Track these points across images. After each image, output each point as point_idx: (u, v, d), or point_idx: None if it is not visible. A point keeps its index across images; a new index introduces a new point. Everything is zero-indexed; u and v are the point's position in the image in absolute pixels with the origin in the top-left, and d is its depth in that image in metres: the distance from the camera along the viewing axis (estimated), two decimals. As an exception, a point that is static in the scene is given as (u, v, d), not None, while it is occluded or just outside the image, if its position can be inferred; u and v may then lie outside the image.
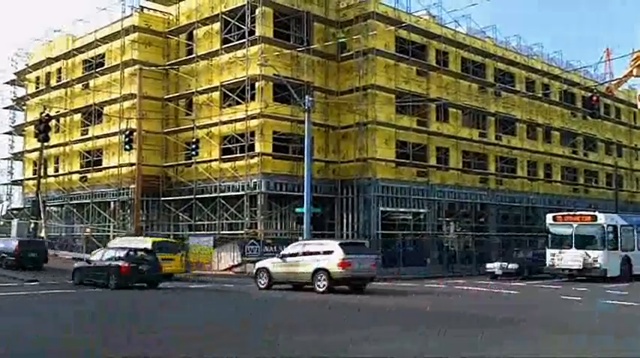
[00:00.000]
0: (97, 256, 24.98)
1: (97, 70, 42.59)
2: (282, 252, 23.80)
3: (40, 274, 28.19)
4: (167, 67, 39.79)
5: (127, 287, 22.26)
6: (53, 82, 47.29)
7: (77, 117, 45.04)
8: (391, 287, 25.28)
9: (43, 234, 40.17)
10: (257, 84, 34.45)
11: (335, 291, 21.44)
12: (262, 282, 23.04)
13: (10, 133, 54.45)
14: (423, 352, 11.18)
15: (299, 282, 22.58)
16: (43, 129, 34.93)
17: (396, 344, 11.80)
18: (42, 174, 42.21)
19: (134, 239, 30.91)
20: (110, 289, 22.35)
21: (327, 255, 21.61)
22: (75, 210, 44.65)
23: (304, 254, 22.43)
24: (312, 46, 35.85)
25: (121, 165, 39.68)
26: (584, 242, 29.30)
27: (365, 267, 22.13)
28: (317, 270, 21.47)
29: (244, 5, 34.87)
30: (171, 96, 39.73)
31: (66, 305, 18.42)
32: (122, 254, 23.62)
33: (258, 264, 24.18)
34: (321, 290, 21.20)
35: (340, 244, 22.41)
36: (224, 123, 35.97)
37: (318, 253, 22.02)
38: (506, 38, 46.74)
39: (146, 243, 28.07)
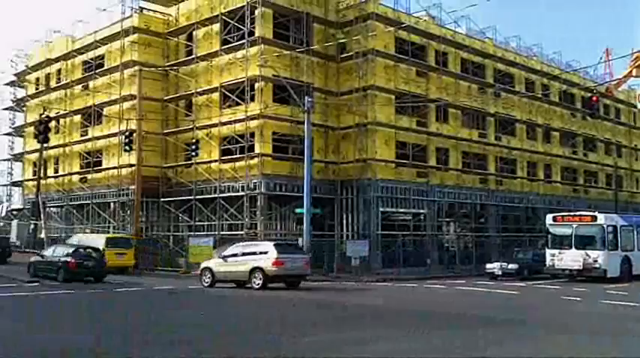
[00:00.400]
0: (49, 252, 27.49)
1: (96, 71, 42.59)
2: (224, 253, 25.41)
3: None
4: (167, 68, 39.79)
5: (74, 280, 24.41)
6: (53, 83, 47.29)
7: (77, 118, 45.04)
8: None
9: (43, 235, 40.23)
10: (256, 85, 34.46)
11: (269, 288, 23.16)
12: (206, 281, 24.74)
13: (9, 134, 54.50)
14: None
15: (238, 280, 24.17)
16: (42, 131, 35.04)
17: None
18: (42, 175, 42.31)
19: (92, 235, 35.57)
20: (58, 282, 24.54)
21: (263, 255, 23.46)
22: (75, 211, 44.64)
23: (243, 254, 24.26)
24: (311, 47, 35.86)
25: (120, 166, 39.68)
26: (584, 242, 29.27)
27: (297, 266, 24.01)
28: (253, 269, 23.31)
29: (244, 6, 34.89)
30: (170, 97, 39.74)
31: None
32: (71, 250, 26.37)
33: (203, 264, 25.87)
34: (257, 286, 23.03)
35: (275, 245, 24.23)
36: (224, 124, 35.97)
37: (255, 253, 23.85)
38: (505, 39, 46.80)
39: (101, 239, 32.35)
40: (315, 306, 19.18)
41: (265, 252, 23.51)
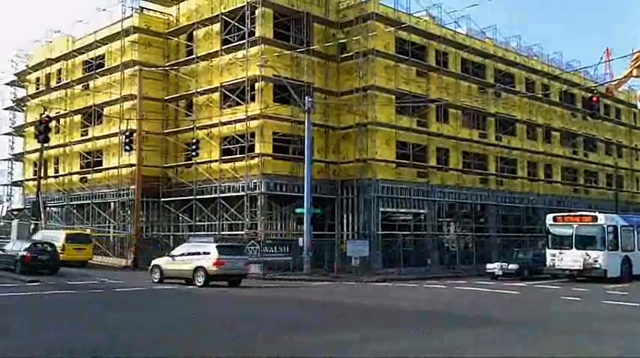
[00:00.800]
0: (9, 246, 30.04)
1: (97, 70, 42.63)
2: (172, 253, 27.16)
3: None
4: (167, 68, 39.81)
5: (30, 273, 26.34)
6: (53, 83, 47.31)
7: (77, 118, 45.07)
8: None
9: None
10: (257, 85, 34.46)
11: (211, 286, 24.51)
12: (155, 277, 26.24)
13: (10, 134, 54.50)
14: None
15: (184, 278, 25.49)
16: (43, 130, 34.93)
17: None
18: (42, 174, 42.27)
19: (54, 231, 37.59)
20: (16, 273, 26.70)
21: (206, 255, 24.90)
22: (75, 211, 44.68)
23: (189, 254, 25.75)
24: (312, 47, 35.86)
25: (121, 166, 39.71)
26: (584, 242, 29.26)
27: (237, 266, 25.50)
28: (197, 268, 24.81)
29: (244, 6, 34.89)
30: (171, 97, 39.76)
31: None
32: (27, 245, 28.67)
33: (153, 262, 27.25)
34: (199, 284, 24.50)
35: (217, 246, 25.58)
36: (224, 123, 35.99)
37: (199, 253, 25.31)
38: (505, 39, 46.80)
39: (61, 234, 34.71)
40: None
41: (208, 253, 24.83)
